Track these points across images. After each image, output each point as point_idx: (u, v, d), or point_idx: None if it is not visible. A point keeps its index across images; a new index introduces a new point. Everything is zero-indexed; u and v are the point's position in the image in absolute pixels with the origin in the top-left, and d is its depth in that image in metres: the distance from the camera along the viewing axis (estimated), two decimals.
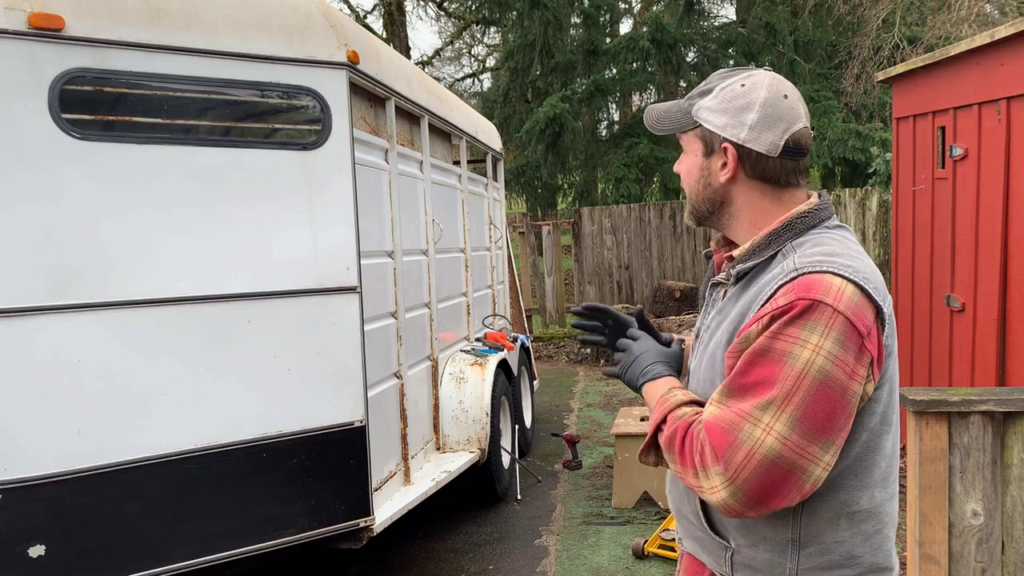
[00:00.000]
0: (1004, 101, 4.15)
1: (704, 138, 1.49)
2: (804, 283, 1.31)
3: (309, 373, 3.24)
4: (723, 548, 1.50)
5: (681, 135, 1.53)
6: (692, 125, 1.50)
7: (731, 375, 1.35)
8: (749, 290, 1.44)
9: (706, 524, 1.52)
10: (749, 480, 1.28)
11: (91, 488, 2.82)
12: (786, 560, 1.43)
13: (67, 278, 2.77)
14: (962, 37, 10.03)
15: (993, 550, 2.60)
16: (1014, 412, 2.55)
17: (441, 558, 4.41)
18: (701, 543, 1.57)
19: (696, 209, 1.55)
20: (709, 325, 1.53)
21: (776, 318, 1.31)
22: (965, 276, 4.65)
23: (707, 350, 1.49)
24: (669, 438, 1.41)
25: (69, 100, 2.74)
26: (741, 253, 1.48)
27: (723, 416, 1.32)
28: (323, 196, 3.25)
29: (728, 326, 1.44)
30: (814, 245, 1.40)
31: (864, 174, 11.93)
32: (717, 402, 1.35)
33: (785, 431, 1.28)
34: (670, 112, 1.54)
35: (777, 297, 1.33)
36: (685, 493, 1.57)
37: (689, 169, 1.53)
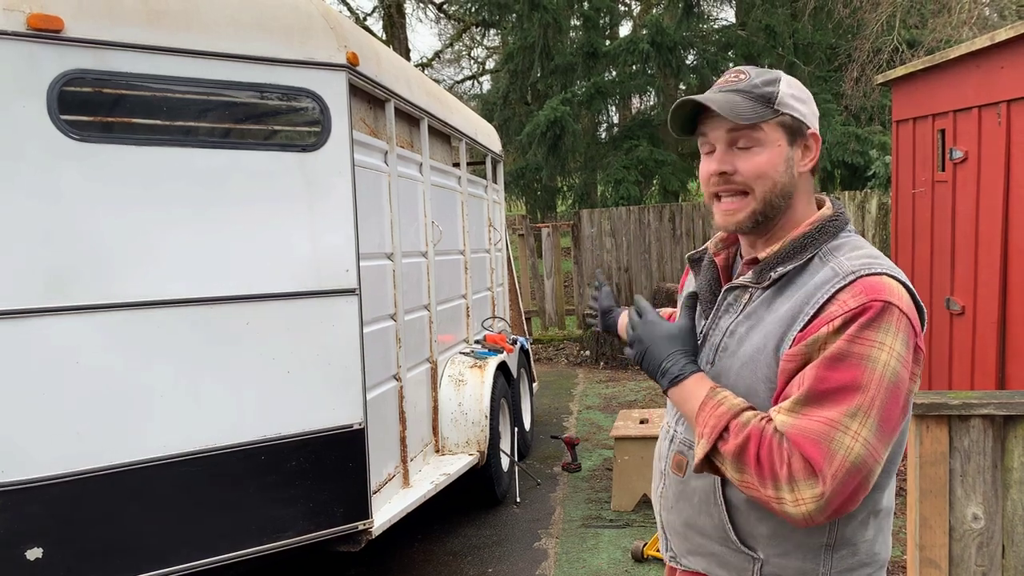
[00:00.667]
0: (1004, 104, 4.15)
1: (791, 126, 1.44)
2: (869, 285, 1.32)
3: (308, 375, 3.24)
4: (750, 561, 1.46)
5: (747, 129, 1.42)
6: (773, 115, 1.43)
7: (809, 382, 1.29)
8: (789, 294, 1.40)
9: (735, 538, 1.46)
10: (837, 490, 1.26)
11: (90, 490, 2.82)
12: (819, 566, 1.42)
13: (66, 279, 2.77)
14: (962, 40, 10.04)
15: (994, 554, 2.60)
16: (1015, 416, 2.54)
17: (440, 561, 4.40)
18: (720, 559, 1.50)
19: (771, 206, 1.44)
20: (733, 330, 1.46)
21: (850, 321, 1.29)
22: (965, 279, 4.64)
23: (737, 356, 1.44)
24: (739, 448, 1.33)
25: (68, 101, 2.73)
26: (771, 255, 1.44)
27: (810, 427, 1.27)
28: (322, 198, 3.25)
29: (773, 331, 1.39)
30: (853, 248, 1.41)
31: (863, 177, 11.92)
32: (792, 411, 1.30)
33: (870, 437, 1.27)
34: (735, 102, 1.42)
35: (844, 300, 1.31)
36: (702, 507, 1.50)
37: (772, 161, 1.43)
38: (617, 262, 11.37)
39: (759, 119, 1.42)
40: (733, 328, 1.47)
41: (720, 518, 1.47)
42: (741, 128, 1.42)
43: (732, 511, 1.45)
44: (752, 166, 1.43)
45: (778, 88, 1.44)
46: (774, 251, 1.44)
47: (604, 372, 9.31)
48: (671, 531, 1.60)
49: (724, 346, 1.47)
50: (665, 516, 1.61)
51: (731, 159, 1.45)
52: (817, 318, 1.33)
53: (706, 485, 1.48)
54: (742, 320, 1.46)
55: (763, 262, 1.45)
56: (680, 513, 1.56)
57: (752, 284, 1.46)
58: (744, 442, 1.32)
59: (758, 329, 1.42)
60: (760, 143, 1.43)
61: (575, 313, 11.59)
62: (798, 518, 1.28)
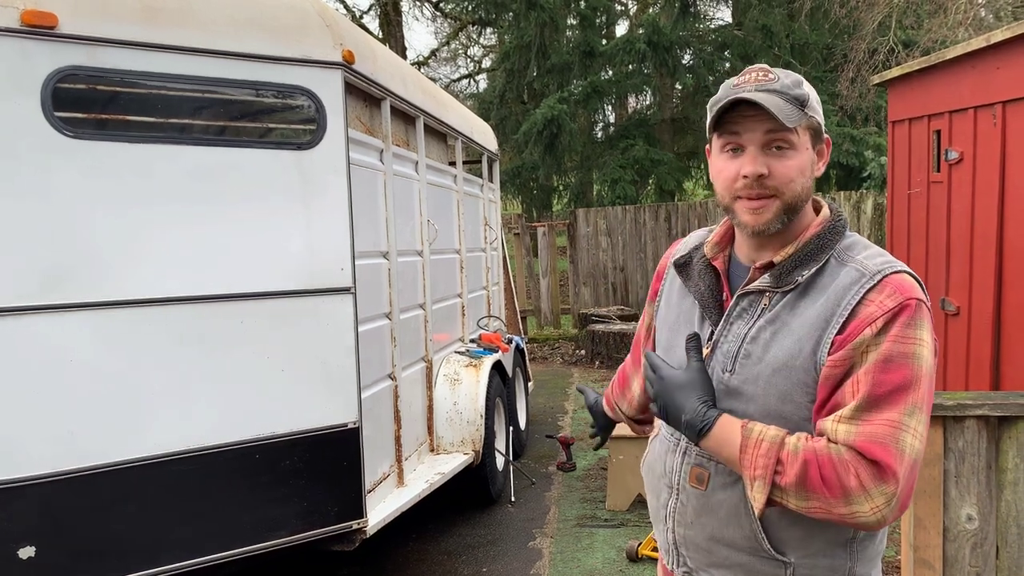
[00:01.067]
0: (1000, 105, 4.16)
1: (815, 130, 1.44)
2: (899, 284, 1.35)
3: (302, 374, 3.23)
4: (782, 566, 1.45)
5: (787, 132, 1.39)
6: (806, 118, 1.42)
7: (866, 388, 1.30)
8: (814, 296, 1.39)
9: (768, 546, 1.44)
10: (905, 487, 1.29)
11: (82, 489, 2.81)
12: (846, 560, 1.45)
13: (59, 277, 2.75)
14: (958, 41, 10.06)
15: (988, 555, 2.60)
16: (1009, 416, 2.55)
17: (434, 560, 4.40)
18: (747, 568, 1.47)
19: (793, 208, 1.43)
20: (755, 336, 1.43)
21: (891, 320, 1.32)
22: (960, 280, 4.65)
23: (766, 363, 1.41)
24: (800, 477, 1.30)
25: (62, 98, 2.72)
26: (787, 258, 1.43)
27: (874, 431, 1.28)
28: (317, 196, 3.24)
29: (806, 334, 1.37)
30: (864, 248, 1.44)
31: (859, 178, 11.95)
32: (852, 419, 1.30)
33: (923, 429, 1.32)
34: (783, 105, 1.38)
35: (879, 300, 1.33)
36: (731, 519, 1.46)
37: (803, 164, 1.42)
38: (613, 261, 11.37)
39: (798, 122, 1.40)
40: (755, 334, 1.44)
41: (751, 528, 1.45)
42: (780, 131, 1.39)
43: (764, 520, 1.43)
44: (786, 169, 1.41)
45: (807, 91, 1.43)
46: (790, 254, 1.43)
47: (599, 371, 9.31)
48: (689, 546, 1.55)
49: (747, 353, 1.44)
50: (683, 532, 1.55)
51: (766, 161, 1.40)
52: (854, 320, 1.34)
53: (734, 497, 1.46)
54: (764, 325, 1.43)
55: (779, 265, 1.43)
56: (703, 528, 1.51)
57: (771, 288, 1.44)
58: (803, 469, 1.30)
59: (785, 334, 1.40)
60: (794, 147, 1.41)
61: (570, 312, 11.59)
62: (874, 524, 1.30)
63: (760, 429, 1.37)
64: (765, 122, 1.39)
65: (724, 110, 1.41)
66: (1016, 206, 4.06)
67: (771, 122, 1.38)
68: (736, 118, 1.41)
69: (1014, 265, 4.09)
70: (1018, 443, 2.56)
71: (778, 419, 1.40)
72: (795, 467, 1.31)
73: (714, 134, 1.46)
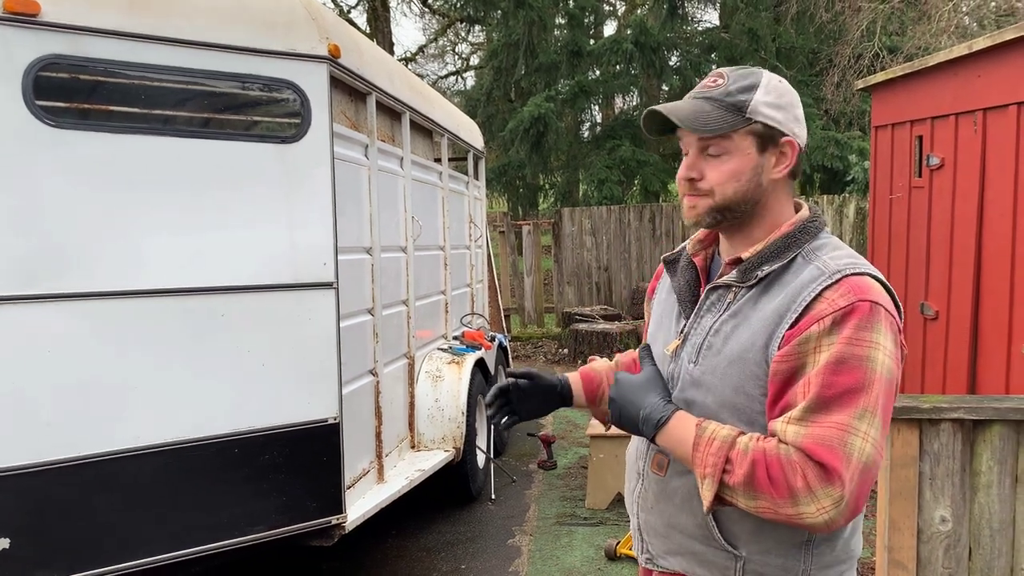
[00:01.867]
0: (980, 112, 4.20)
1: (762, 135, 1.44)
2: (856, 285, 1.35)
3: (283, 369, 3.22)
4: (733, 559, 1.46)
5: (715, 137, 1.43)
6: (744, 123, 1.43)
7: (815, 389, 1.30)
8: (774, 292, 1.41)
9: (718, 535, 1.46)
10: (854, 492, 1.28)
11: (59, 481, 2.78)
12: (799, 562, 1.44)
13: (38, 268, 2.73)
14: (941, 48, 10.14)
15: (960, 556, 2.63)
16: (984, 420, 2.58)
17: (413, 557, 4.40)
18: (700, 557, 1.50)
19: (731, 210, 1.46)
20: (718, 328, 1.46)
21: (839, 320, 1.32)
22: (939, 284, 4.70)
23: (723, 354, 1.44)
24: (747, 476, 1.32)
25: (44, 87, 2.70)
26: (755, 255, 1.45)
27: (822, 433, 1.28)
28: (301, 190, 3.22)
29: (760, 328, 1.40)
30: (834, 248, 1.44)
31: (842, 181, 12.03)
32: (801, 420, 1.30)
33: (876, 435, 1.30)
34: (703, 111, 1.44)
35: (832, 299, 1.34)
36: (684, 505, 1.50)
37: (737, 170, 1.44)
38: (597, 261, 11.39)
39: (728, 128, 1.43)
40: (718, 327, 1.47)
41: (703, 517, 1.47)
42: (711, 137, 1.44)
43: (715, 511, 1.45)
44: (718, 174, 1.45)
45: (752, 96, 1.44)
46: (757, 251, 1.46)
47: None
48: (650, 532, 1.59)
49: (709, 344, 1.47)
50: (644, 517, 1.60)
51: (700, 166, 1.47)
52: (805, 316, 1.35)
53: (688, 484, 1.48)
54: (727, 318, 1.46)
55: (747, 261, 1.46)
56: (661, 513, 1.55)
57: (736, 283, 1.47)
58: (751, 468, 1.32)
59: (744, 327, 1.42)
60: (728, 151, 1.44)
61: (554, 311, 11.60)
62: (821, 526, 1.30)
63: (713, 428, 1.39)
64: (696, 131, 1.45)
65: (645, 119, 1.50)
66: (995, 212, 4.10)
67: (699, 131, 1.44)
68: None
69: (992, 271, 4.14)
70: (992, 447, 2.59)
71: (732, 410, 1.43)
72: (744, 466, 1.32)
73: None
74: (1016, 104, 3.87)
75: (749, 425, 1.41)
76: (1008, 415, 2.56)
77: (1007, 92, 3.96)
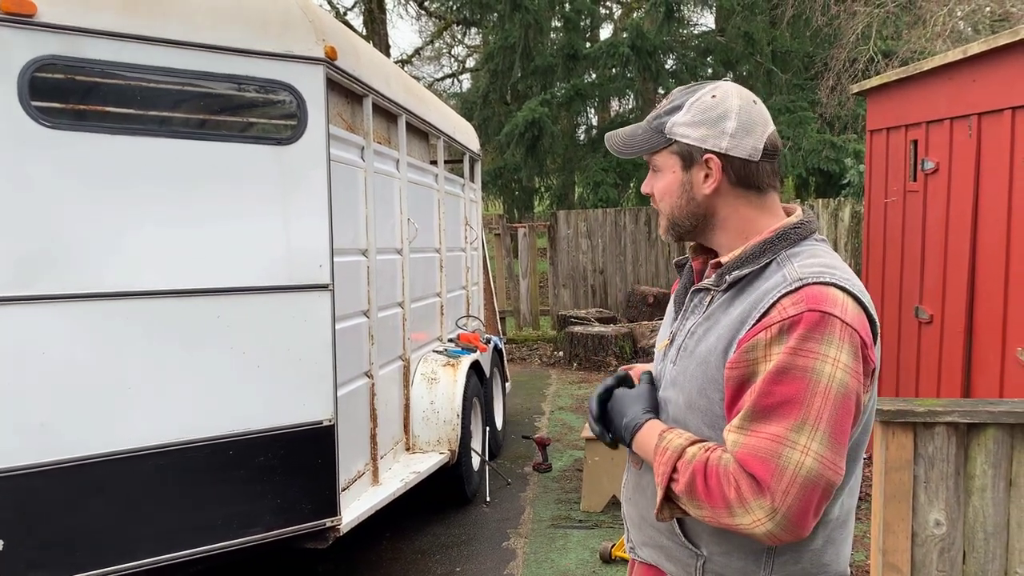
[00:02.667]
0: (975, 117, 4.21)
1: (682, 153, 1.48)
2: (811, 294, 1.32)
3: (278, 370, 3.21)
4: (694, 557, 1.48)
5: (651, 156, 1.52)
6: (665, 143, 1.49)
7: (753, 397, 1.30)
8: (743, 298, 1.42)
9: (680, 532, 1.49)
10: (793, 506, 1.26)
11: (53, 483, 2.78)
12: (760, 568, 1.44)
13: (33, 269, 2.72)
14: (936, 52, 10.18)
15: (955, 560, 2.63)
16: (978, 424, 2.58)
17: (408, 559, 4.39)
18: (667, 552, 1.54)
19: (677, 225, 1.53)
20: (694, 331, 1.49)
21: (786, 329, 1.30)
22: (934, 288, 4.71)
23: (693, 356, 1.46)
24: (688, 485, 1.34)
25: (39, 87, 2.69)
26: (732, 260, 1.47)
27: (756, 444, 1.28)
28: (297, 192, 3.22)
29: (724, 333, 1.41)
30: (810, 256, 1.42)
31: (838, 185, 12.06)
32: (740, 429, 1.31)
33: (821, 449, 1.27)
34: (634, 136, 1.54)
35: (784, 306, 1.32)
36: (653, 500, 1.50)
37: (667, 187, 1.51)
38: (592, 264, 11.40)
39: (647, 150, 1.53)
40: (694, 329, 1.50)
41: None
42: (649, 156, 1.53)
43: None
44: (656, 190, 1.54)
45: (671, 117, 1.49)
46: (735, 256, 1.47)
47: (577, 373, 9.34)
48: (630, 522, 1.66)
49: (685, 346, 1.50)
50: (626, 508, 1.67)
51: (650, 181, 1.56)
52: (759, 323, 1.35)
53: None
54: (702, 321, 1.48)
55: (724, 266, 1.48)
56: (636, 505, 1.61)
57: (713, 287, 1.49)
58: (691, 478, 1.34)
59: (713, 331, 1.44)
60: (660, 169, 1.53)
61: (549, 314, 11.61)
62: (763, 538, 1.30)
63: (670, 437, 1.41)
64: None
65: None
66: (989, 217, 4.11)
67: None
68: None
69: (986, 275, 4.15)
70: (986, 450, 2.59)
71: (697, 411, 1.45)
72: (686, 476, 1.35)
73: None
74: (1011, 109, 3.88)
75: (711, 428, 1.42)
76: (1002, 418, 2.56)
77: (1002, 97, 3.98)
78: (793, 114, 12.81)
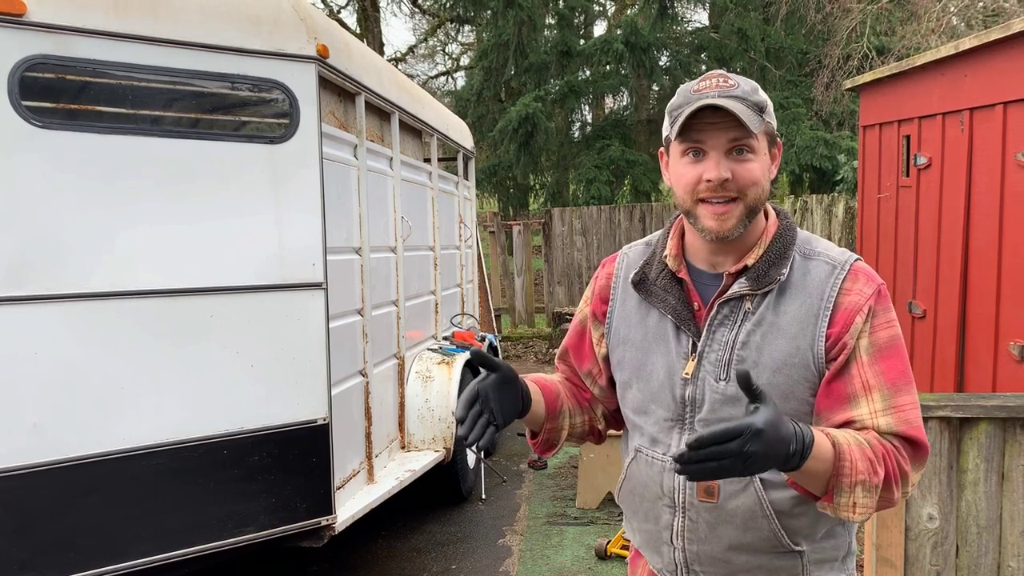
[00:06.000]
0: (967, 112, 4.22)
1: (771, 135, 1.48)
2: (864, 271, 1.45)
3: (272, 369, 3.21)
4: (798, 557, 1.48)
5: (749, 137, 1.41)
6: (764, 124, 1.43)
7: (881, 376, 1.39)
8: (792, 294, 1.43)
9: (788, 541, 1.45)
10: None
11: (47, 483, 2.77)
12: (845, 536, 1.53)
13: (24, 269, 2.72)
14: (929, 48, 10.19)
15: (948, 553, 2.64)
16: (971, 418, 2.59)
17: (403, 557, 4.39)
18: (767, 568, 1.48)
19: (753, 211, 1.44)
20: (745, 341, 1.42)
21: (873, 307, 1.41)
22: (927, 283, 4.72)
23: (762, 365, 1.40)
24: (887, 472, 1.34)
25: (30, 87, 2.68)
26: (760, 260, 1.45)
27: (907, 417, 1.38)
28: (290, 190, 3.22)
29: (798, 332, 1.40)
30: (817, 240, 1.51)
31: (831, 181, 12.08)
32: (886, 410, 1.38)
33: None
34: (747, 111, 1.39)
35: (858, 288, 1.42)
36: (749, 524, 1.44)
37: (763, 168, 1.44)
38: (587, 261, 11.40)
39: (759, 128, 1.41)
40: (745, 339, 1.43)
41: (770, 528, 1.44)
42: (743, 136, 1.40)
43: (781, 516, 1.44)
44: (749, 173, 1.41)
45: (763, 97, 1.46)
46: (760, 255, 1.45)
47: None
48: (704, 562, 1.51)
49: (740, 359, 1.42)
50: (696, 548, 1.50)
51: (729, 164, 1.41)
52: (839, 310, 1.41)
53: (748, 502, 1.45)
54: (752, 328, 1.42)
55: (754, 268, 1.44)
56: (720, 539, 1.48)
57: (752, 291, 1.43)
58: (885, 465, 1.35)
59: (776, 334, 1.41)
60: (755, 151, 1.42)
61: (544, 311, 11.60)
62: (901, 500, 1.44)
63: (835, 433, 1.34)
64: (729, 128, 1.39)
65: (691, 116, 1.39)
66: (982, 212, 4.12)
67: (736, 128, 1.38)
68: (698, 124, 1.40)
69: (979, 270, 4.16)
70: (979, 444, 2.60)
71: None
72: (880, 464, 1.34)
73: (676, 139, 1.44)
74: (1002, 104, 3.89)
75: None
76: (995, 413, 2.57)
77: (993, 92, 3.98)
78: (787, 111, 12.83)
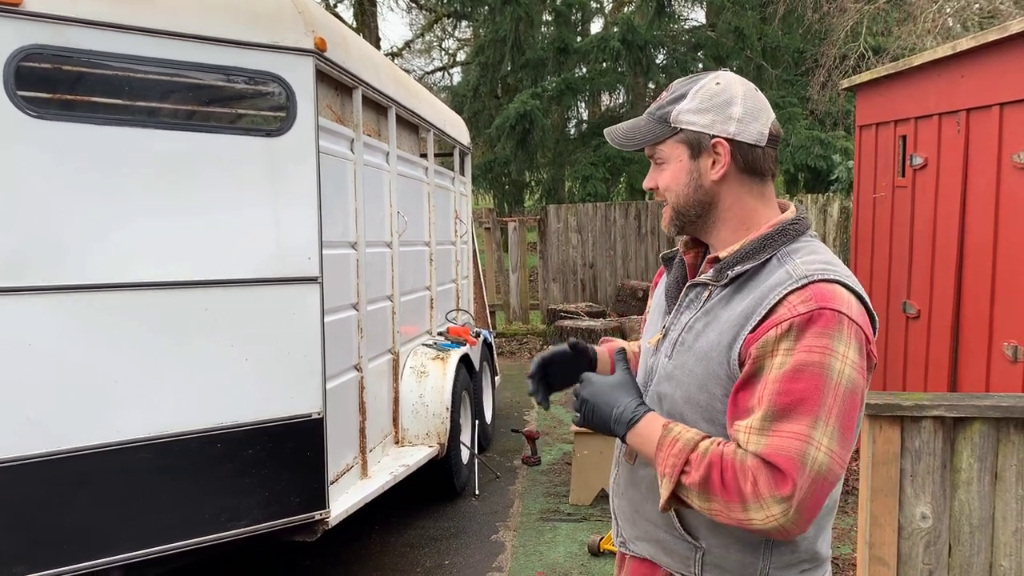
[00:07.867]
0: (963, 112, 4.23)
1: (689, 141, 1.48)
2: (820, 292, 1.34)
3: (267, 363, 3.20)
4: (693, 549, 1.49)
5: (655, 148, 1.51)
6: (671, 132, 1.49)
7: (771, 396, 1.31)
8: (744, 293, 1.42)
9: (678, 525, 1.50)
10: (806, 500, 1.29)
11: (40, 476, 2.76)
12: (758, 560, 1.45)
13: (19, 260, 2.70)
14: (926, 49, 10.21)
15: (940, 552, 2.65)
16: (964, 418, 2.60)
17: (397, 552, 4.39)
18: (664, 546, 1.54)
19: (683, 214, 1.52)
20: (691, 326, 1.48)
21: (798, 326, 1.32)
22: (921, 283, 4.73)
23: (692, 351, 1.46)
24: (704, 478, 1.34)
25: (25, 77, 2.67)
26: (731, 255, 1.47)
27: (781, 444, 1.29)
28: (286, 184, 3.21)
29: (726, 329, 1.41)
30: (810, 252, 1.44)
31: (827, 181, 12.08)
32: (761, 430, 1.31)
33: (832, 445, 1.30)
34: (636, 128, 1.53)
35: (794, 303, 1.34)
36: (649, 494, 1.53)
37: (675, 176, 1.50)
38: (583, 258, 11.41)
39: (653, 140, 1.51)
40: (692, 324, 1.49)
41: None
42: (651, 147, 1.53)
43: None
44: (662, 181, 1.53)
45: (676, 106, 1.49)
46: (733, 251, 1.47)
47: None
48: (621, 516, 1.65)
49: (683, 340, 1.49)
50: (617, 502, 1.66)
51: (653, 175, 1.55)
52: (767, 320, 1.36)
53: (653, 473, 1.49)
54: (700, 316, 1.48)
55: (723, 261, 1.48)
56: (630, 500, 1.60)
57: (712, 282, 1.48)
58: (707, 471, 1.34)
59: (714, 326, 1.44)
60: (665, 159, 1.52)
61: (539, 308, 11.60)
62: (773, 533, 1.31)
63: (679, 430, 1.40)
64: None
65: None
66: (977, 213, 4.13)
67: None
68: None
69: (973, 270, 4.17)
70: (972, 444, 2.61)
71: (696, 406, 1.45)
72: (700, 469, 1.34)
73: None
74: (999, 105, 3.90)
75: (710, 423, 1.43)
76: (988, 412, 2.58)
77: (990, 93, 3.99)
78: (783, 110, 12.84)
